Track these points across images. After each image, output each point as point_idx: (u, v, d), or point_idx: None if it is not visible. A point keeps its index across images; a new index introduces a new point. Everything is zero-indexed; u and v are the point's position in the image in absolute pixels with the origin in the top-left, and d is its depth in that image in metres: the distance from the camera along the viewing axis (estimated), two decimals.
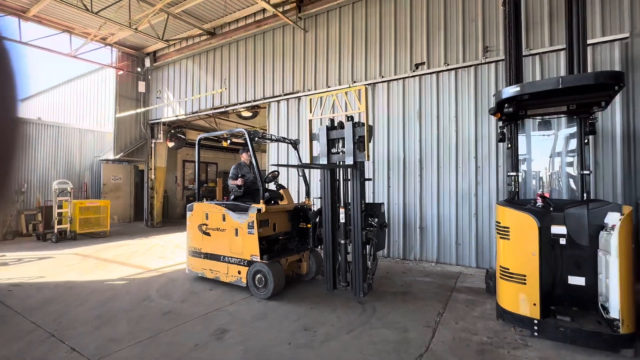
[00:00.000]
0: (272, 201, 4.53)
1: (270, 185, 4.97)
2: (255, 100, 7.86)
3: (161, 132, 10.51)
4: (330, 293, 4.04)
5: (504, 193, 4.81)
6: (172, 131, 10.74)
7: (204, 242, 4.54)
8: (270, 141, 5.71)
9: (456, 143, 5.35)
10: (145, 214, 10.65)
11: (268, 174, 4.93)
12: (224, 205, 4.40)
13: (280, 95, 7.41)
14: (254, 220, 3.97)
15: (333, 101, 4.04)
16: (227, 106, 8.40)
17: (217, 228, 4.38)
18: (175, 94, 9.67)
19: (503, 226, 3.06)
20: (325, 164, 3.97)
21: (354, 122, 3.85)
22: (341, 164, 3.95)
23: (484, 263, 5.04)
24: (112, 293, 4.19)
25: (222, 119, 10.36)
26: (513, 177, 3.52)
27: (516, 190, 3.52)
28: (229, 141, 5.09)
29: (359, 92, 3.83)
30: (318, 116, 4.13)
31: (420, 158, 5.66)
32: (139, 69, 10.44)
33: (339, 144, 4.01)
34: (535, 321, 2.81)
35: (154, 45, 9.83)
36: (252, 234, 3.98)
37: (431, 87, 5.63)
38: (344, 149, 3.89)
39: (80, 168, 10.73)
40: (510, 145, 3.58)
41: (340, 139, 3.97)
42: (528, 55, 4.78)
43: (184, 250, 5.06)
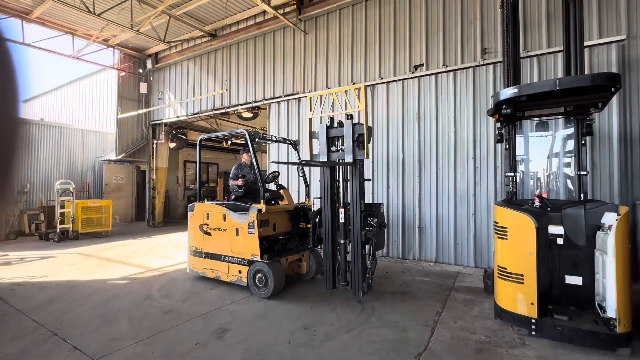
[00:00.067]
0: (273, 201, 4.56)
1: (271, 186, 4.99)
2: (255, 102, 7.91)
3: (163, 133, 10.57)
4: (329, 292, 4.06)
5: (502, 193, 4.83)
6: (174, 132, 10.79)
7: (204, 242, 4.57)
8: (271, 142, 5.75)
9: (455, 144, 5.38)
10: (147, 213, 10.70)
11: (268, 175, 4.96)
12: (225, 205, 4.43)
13: (280, 97, 7.45)
14: (254, 220, 4.00)
15: (333, 100, 4.08)
16: (228, 107, 8.44)
17: (218, 228, 4.41)
18: (177, 95, 9.73)
19: (501, 226, 3.08)
20: (325, 162, 4.00)
21: (353, 121, 3.87)
22: (341, 162, 3.98)
23: (483, 263, 5.06)
24: (114, 292, 4.22)
25: (223, 120, 10.41)
26: (511, 178, 3.55)
27: (514, 190, 3.54)
28: (229, 142, 5.12)
29: (358, 91, 3.87)
30: (318, 114, 4.16)
31: (419, 159, 5.68)
32: (141, 71, 10.50)
33: (339, 142, 4.04)
34: (532, 320, 2.83)
35: (155, 47, 9.90)
36: (253, 234, 4.01)
37: (430, 89, 5.66)
38: (344, 147, 3.92)
39: (82, 168, 10.80)
40: (508, 146, 3.61)
41: (340, 137, 4.00)
42: (526, 57, 4.81)
43: (185, 250, 5.09)
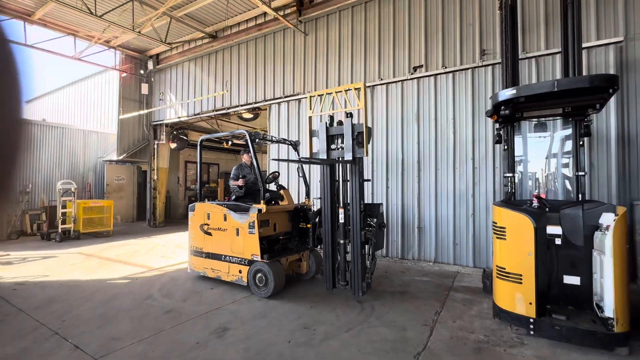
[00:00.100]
0: (273, 201, 4.57)
1: (271, 186, 5.02)
2: (256, 102, 7.94)
3: (164, 134, 10.61)
4: (329, 292, 4.07)
5: (501, 194, 4.85)
6: (175, 132, 10.83)
7: (205, 242, 4.59)
8: (271, 142, 5.78)
9: (454, 144, 5.40)
10: (148, 214, 10.73)
11: (269, 175, 4.98)
12: (225, 206, 4.45)
13: (280, 98, 7.48)
14: (254, 220, 4.01)
15: (332, 99, 4.10)
16: (229, 108, 8.48)
17: (219, 228, 4.43)
18: (178, 96, 9.77)
19: (499, 226, 3.08)
20: (324, 159, 4.02)
21: (352, 119, 3.89)
22: (340, 160, 4.00)
23: (481, 263, 5.08)
24: (115, 292, 4.24)
25: (224, 121, 10.44)
26: (509, 178, 3.56)
27: (512, 191, 3.56)
28: (230, 142, 5.14)
29: (357, 92, 3.89)
30: (318, 113, 4.19)
31: (418, 159, 5.71)
32: (142, 72, 10.55)
33: (339, 140, 4.06)
34: (531, 320, 2.84)
35: (156, 48, 9.94)
36: (253, 234, 4.02)
37: (429, 90, 5.68)
38: (343, 146, 3.94)
39: (84, 169, 10.84)
40: (506, 147, 3.63)
41: (340, 136, 4.02)
42: (524, 59, 4.83)
43: (186, 250, 5.12)
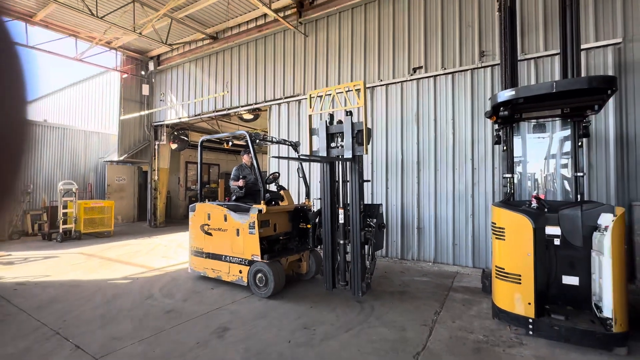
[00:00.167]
0: (273, 202, 4.59)
1: (271, 187, 5.03)
2: (256, 103, 7.97)
3: (164, 134, 10.64)
4: (329, 292, 4.08)
5: (500, 194, 4.87)
6: (175, 133, 10.86)
7: (206, 242, 4.60)
8: (271, 143, 5.80)
9: (453, 145, 5.41)
10: (149, 214, 10.76)
11: (269, 176, 5.00)
12: (226, 206, 4.46)
13: (281, 99, 7.50)
14: (255, 221, 4.03)
15: (332, 97, 4.12)
16: (229, 109, 8.50)
17: (219, 228, 4.45)
18: (179, 97, 9.80)
19: (498, 227, 3.09)
20: (324, 157, 4.03)
21: (352, 118, 3.91)
22: (340, 158, 4.01)
23: (480, 263, 5.09)
24: (116, 292, 4.26)
25: (224, 121, 10.47)
26: (508, 179, 3.57)
27: (511, 191, 3.57)
28: (230, 143, 5.16)
29: (357, 92, 3.91)
30: (318, 111, 4.21)
31: (418, 160, 5.72)
32: (143, 72, 10.59)
33: (338, 138, 4.08)
34: (530, 320, 2.85)
35: (157, 49, 9.97)
36: (253, 234, 4.04)
37: (429, 91, 5.70)
38: (343, 144, 3.96)
39: (85, 169, 10.87)
40: (505, 148, 3.64)
41: (339, 134, 4.04)
42: (523, 60, 4.85)
43: (186, 250, 5.13)
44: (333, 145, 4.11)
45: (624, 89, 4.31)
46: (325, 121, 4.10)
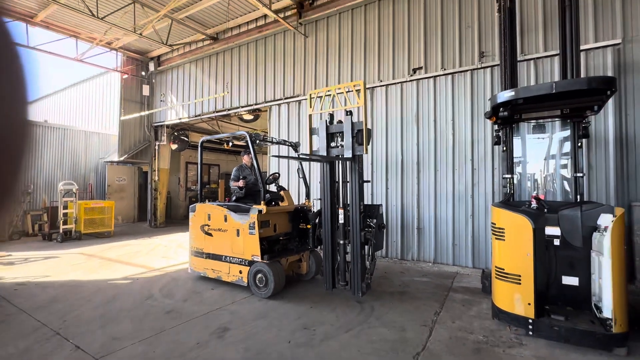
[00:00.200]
0: (273, 202, 4.59)
1: (271, 187, 5.04)
2: (256, 104, 7.98)
3: (165, 135, 10.65)
4: (329, 293, 4.09)
5: (500, 195, 4.87)
6: (176, 134, 10.87)
7: (206, 243, 4.60)
8: (271, 144, 5.80)
9: (453, 146, 5.42)
10: (149, 214, 10.77)
11: (269, 176, 5.01)
12: (226, 206, 4.47)
13: (281, 99, 7.51)
14: (255, 221, 4.03)
15: (332, 97, 4.13)
16: (229, 109, 8.51)
17: (219, 229, 4.45)
18: (179, 98, 9.82)
19: (498, 227, 3.10)
20: (324, 156, 4.03)
21: (352, 117, 3.91)
22: (340, 157, 4.02)
23: (480, 263, 5.09)
24: (116, 292, 4.26)
25: (224, 122, 10.48)
26: (508, 179, 3.57)
27: (511, 192, 3.57)
28: (230, 144, 5.16)
29: (357, 92, 3.92)
30: (318, 111, 4.22)
31: (417, 160, 5.73)
32: (143, 73, 10.60)
33: (338, 138, 4.08)
34: (529, 320, 2.85)
35: (158, 50, 9.99)
36: (253, 235, 4.04)
37: (428, 91, 5.71)
38: (343, 143, 3.96)
39: (85, 169, 10.89)
40: (505, 148, 3.64)
41: (339, 134, 4.04)
42: (523, 61, 4.86)
43: (187, 250, 5.14)
44: (333, 145, 4.12)
45: (623, 90, 4.31)
46: (325, 121, 4.10)
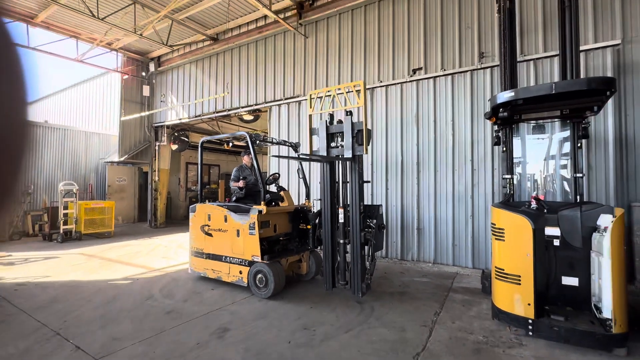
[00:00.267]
0: (273, 203, 4.59)
1: (271, 187, 5.04)
2: (256, 104, 7.98)
3: (165, 135, 10.66)
4: (329, 293, 4.09)
5: (500, 195, 4.87)
6: (176, 134, 10.88)
7: (206, 243, 4.61)
8: (271, 144, 5.80)
9: (453, 146, 5.42)
10: (149, 214, 10.77)
11: (269, 176, 5.01)
12: (226, 207, 4.47)
13: (281, 100, 7.52)
14: (255, 222, 4.03)
15: (332, 97, 4.14)
16: (229, 110, 8.52)
17: (219, 229, 4.46)
18: (179, 98, 9.82)
19: (498, 228, 3.10)
20: (324, 156, 4.04)
21: (352, 117, 3.91)
22: (340, 157, 4.02)
23: (480, 264, 5.09)
24: (116, 292, 4.26)
25: (225, 122, 10.50)
26: (508, 180, 3.58)
27: (511, 192, 3.58)
28: (231, 144, 5.17)
29: (357, 93, 3.92)
30: (318, 111, 4.23)
31: (417, 161, 5.73)
32: (144, 74, 10.61)
33: (338, 138, 4.09)
34: (529, 321, 2.85)
35: (158, 50, 10.00)
36: (253, 235, 4.05)
37: (428, 92, 5.71)
38: (343, 143, 3.96)
39: (85, 170, 10.90)
40: (505, 149, 3.65)
41: (339, 134, 4.05)
42: (522, 61, 4.86)
43: (187, 251, 5.14)
44: (333, 145, 4.13)
45: (622, 90, 4.32)
46: (326, 121, 4.11)
